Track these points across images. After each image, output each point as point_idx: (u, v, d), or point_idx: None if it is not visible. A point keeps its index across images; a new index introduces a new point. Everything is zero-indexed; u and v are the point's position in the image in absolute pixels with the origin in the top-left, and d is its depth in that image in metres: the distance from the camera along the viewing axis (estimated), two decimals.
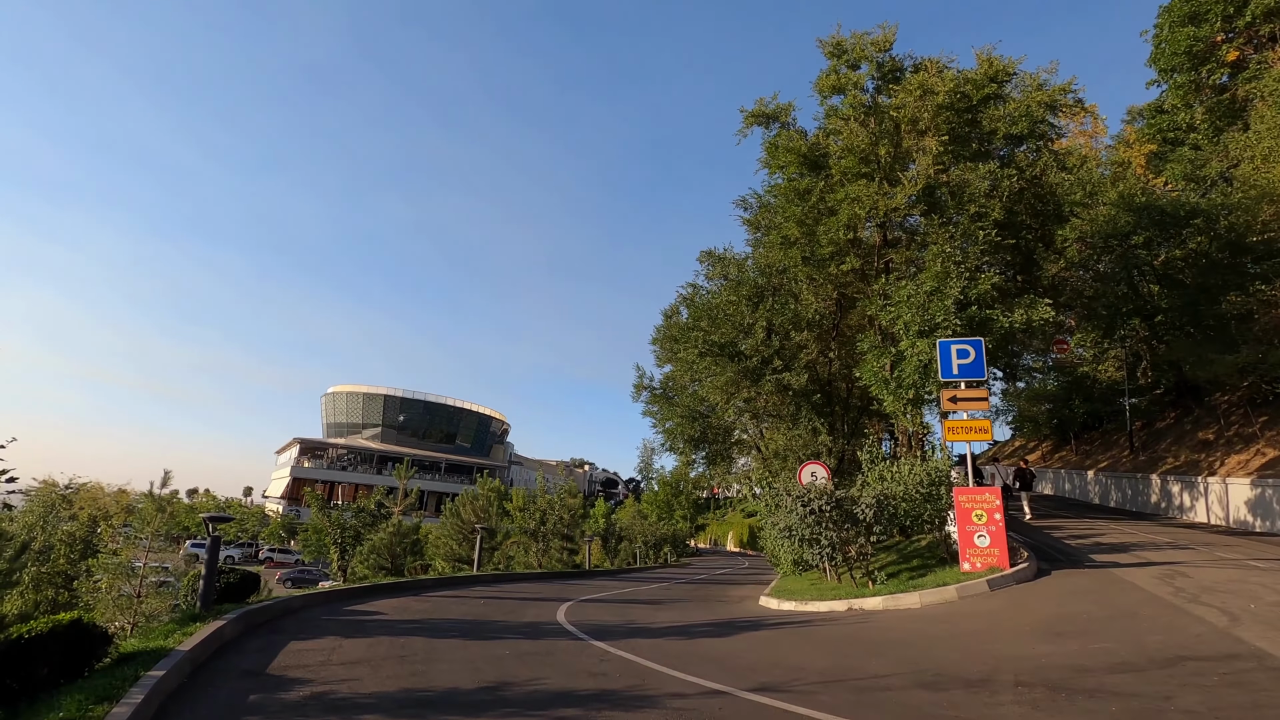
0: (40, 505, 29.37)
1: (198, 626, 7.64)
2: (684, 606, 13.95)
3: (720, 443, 26.11)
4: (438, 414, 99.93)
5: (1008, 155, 19.48)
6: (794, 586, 16.12)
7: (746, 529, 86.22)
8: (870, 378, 17.63)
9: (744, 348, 22.60)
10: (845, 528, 12.90)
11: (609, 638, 9.10)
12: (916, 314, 16.69)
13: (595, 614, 12.06)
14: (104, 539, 19.07)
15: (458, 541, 25.61)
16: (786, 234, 20.80)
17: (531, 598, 14.65)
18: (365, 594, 12.95)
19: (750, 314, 22.74)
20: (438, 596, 13.55)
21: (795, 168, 20.57)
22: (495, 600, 13.57)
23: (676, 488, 75.12)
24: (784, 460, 25.31)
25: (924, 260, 18.93)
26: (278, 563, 62.44)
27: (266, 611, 9.51)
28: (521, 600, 13.92)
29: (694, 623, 10.94)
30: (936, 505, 13.83)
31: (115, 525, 23.53)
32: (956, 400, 12.82)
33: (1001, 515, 11.88)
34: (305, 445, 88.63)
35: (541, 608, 12.73)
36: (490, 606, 12.39)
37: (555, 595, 15.53)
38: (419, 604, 12.12)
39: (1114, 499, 30.61)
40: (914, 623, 9.65)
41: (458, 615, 10.97)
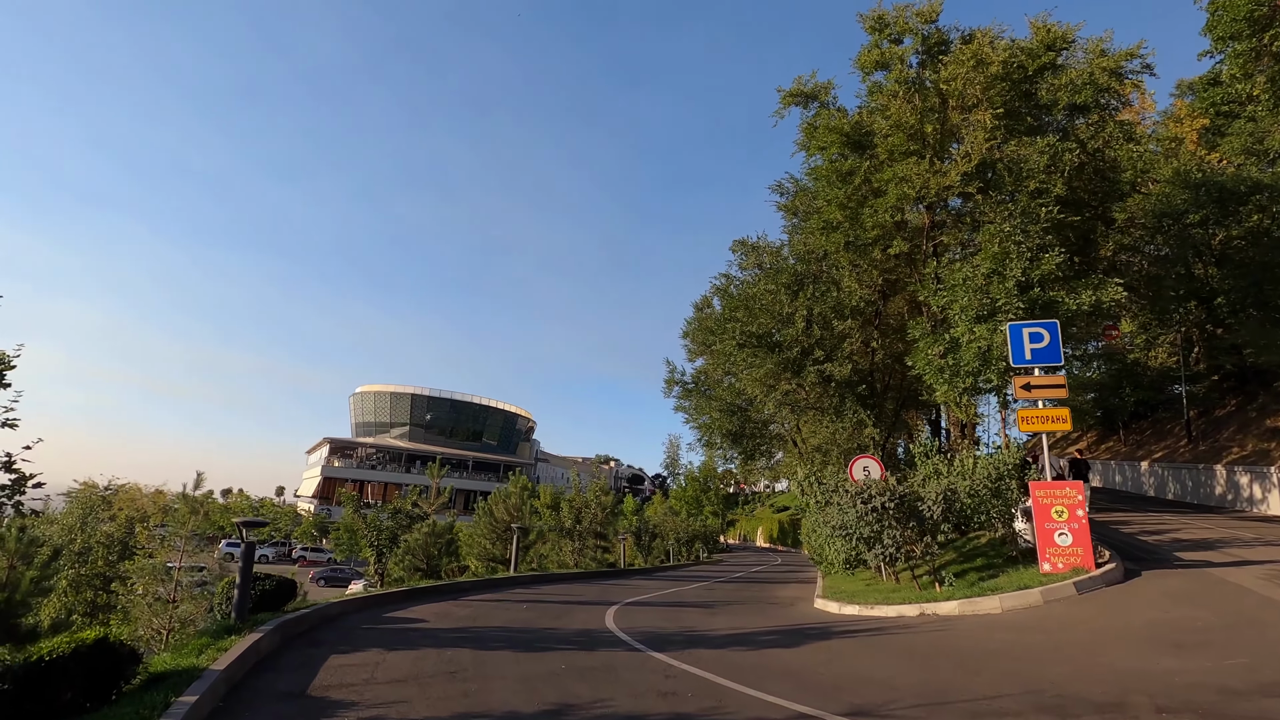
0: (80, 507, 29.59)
1: (232, 640, 7.11)
2: (736, 610, 13.22)
3: (758, 437, 25.26)
4: (464, 412, 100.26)
5: (1066, 128, 18.33)
6: (849, 587, 15.29)
7: (776, 524, 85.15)
8: (923, 366, 16.68)
9: (783, 338, 21.72)
10: (910, 526, 12.06)
11: (668, 648, 8.41)
12: (974, 298, 15.72)
13: (646, 619, 11.40)
14: (140, 540, 18.93)
15: (491, 541, 25.14)
16: (828, 218, 19.88)
17: (574, 600, 14.03)
18: (404, 599, 12.43)
19: (789, 303, 21.83)
20: (478, 601, 13.00)
21: (837, 148, 19.62)
22: (538, 604, 12.97)
23: (705, 483, 74.28)
24: (825, 455, 24.42)
25: (978, 242, 17.92)
26: (310, 561, 63.00)
27: (304, 621, 8.99)
28: (565, 604, 13.31)
29: (755, 630, 10.21)
30: (1005, 500, 12.92)
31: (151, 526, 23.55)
32: (1030, 387, 11.88)
33: (1085, 511, 10.96)
34: (335, 445, 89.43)
35: (588, 612, 12.10)
36: (534, 611, 11.79)
37: (598, 598, 14.91)
38: (460, 609, 11.56)
39: (1172, 491, 29.17)
40: (1001, 631, 8.80)
41: (502, 622, 10.37)
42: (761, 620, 11.56)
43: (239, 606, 7.87)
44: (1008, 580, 11.47)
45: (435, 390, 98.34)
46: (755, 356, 22.23)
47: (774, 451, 25.24)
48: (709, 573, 29.08)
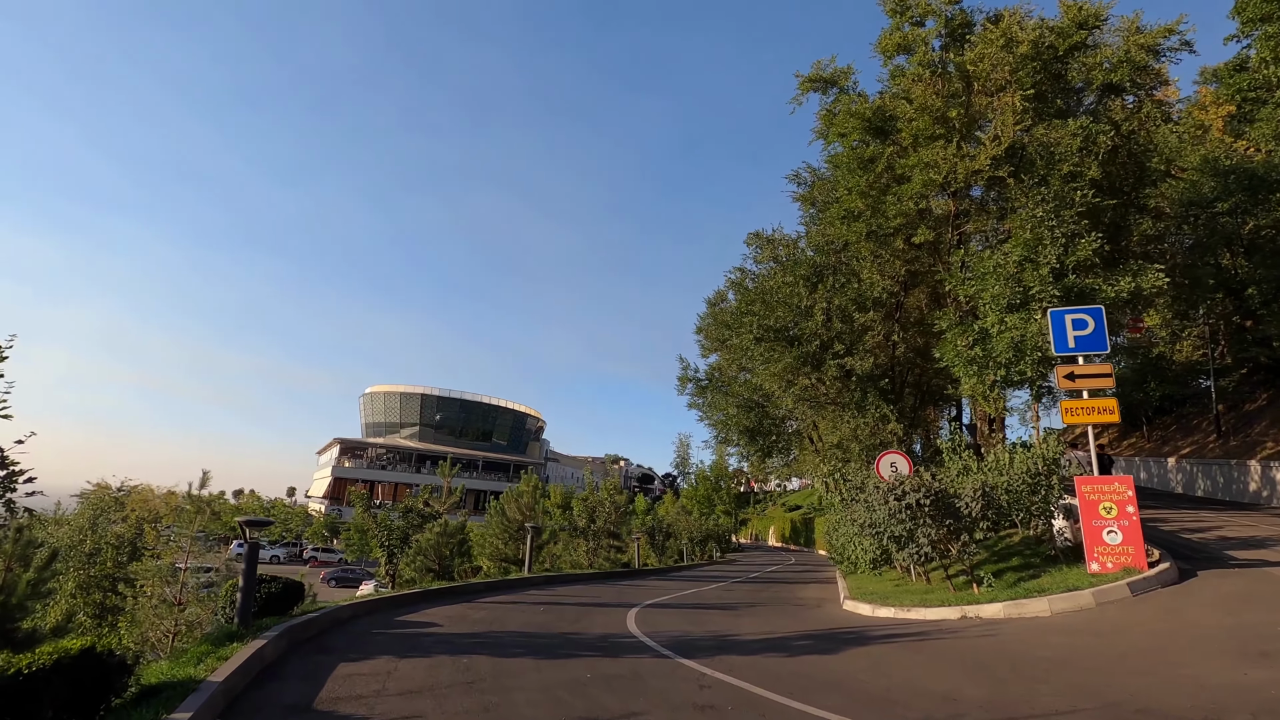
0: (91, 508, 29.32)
1: (235, 648, 6.62)
2: (762, 612, 12.64)
3: (775, 434, 24.64)
4: (474, 412, 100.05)
5: (1097, 109, 17.64)
6: (877, 588, 14.69)
7: (788, 523, 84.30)
8: (952, 358, 16.05)
9: (802, 331, 21.12)
10: (946, 524, 11.45)
11: (697, 654, 7.86)
12: (1005, 286, 15.09)
13: (669, 622, 10.85)
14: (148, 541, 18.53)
15: (503, 540, 24.69)
16: (849, 207, 19.27)
17: (592, 602, 13.50)
18: (416, 601, 11.94)
19: (808, 295, 21.24)
20: (492, 603, 12.49)
21: (858, 134, 19.01)
22: (555, 606, 12.45)
23: (717, 482, 73.60)
24: (845, 452, 23.80)
25: (1006, 229, 17.27)
26: (321, 562, 62.86)
27: (312, 625, 8.50)
28: (582, 606, 12.78)
29: (787, 634, 9.63)
30: (1045, 497, 12.28)
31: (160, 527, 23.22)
32: (1075, 377, 11.24)
33: (1135, 508, 10.32)
34: (345, 445, 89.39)
35: (607, 615, 11.57)
36: (552, 615, 11.26)
37: (616, 599, 14.37)
38: (475, 612, 11.06)
39: (1201, 487, 28.34)
40: (1054, 635, 8.20)
41: (519, 626, 9.85)
42: (791, 623, 10.99)
43: (242, 611, 7.39)
44: (1051, 580, 10.85)
45: (445, 390, 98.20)
46: (773, 350, 21.65)
47: (791, 449, 24.62)
48: (725, 572, 28.49)
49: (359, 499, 12.62)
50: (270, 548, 64.80)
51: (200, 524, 13.18)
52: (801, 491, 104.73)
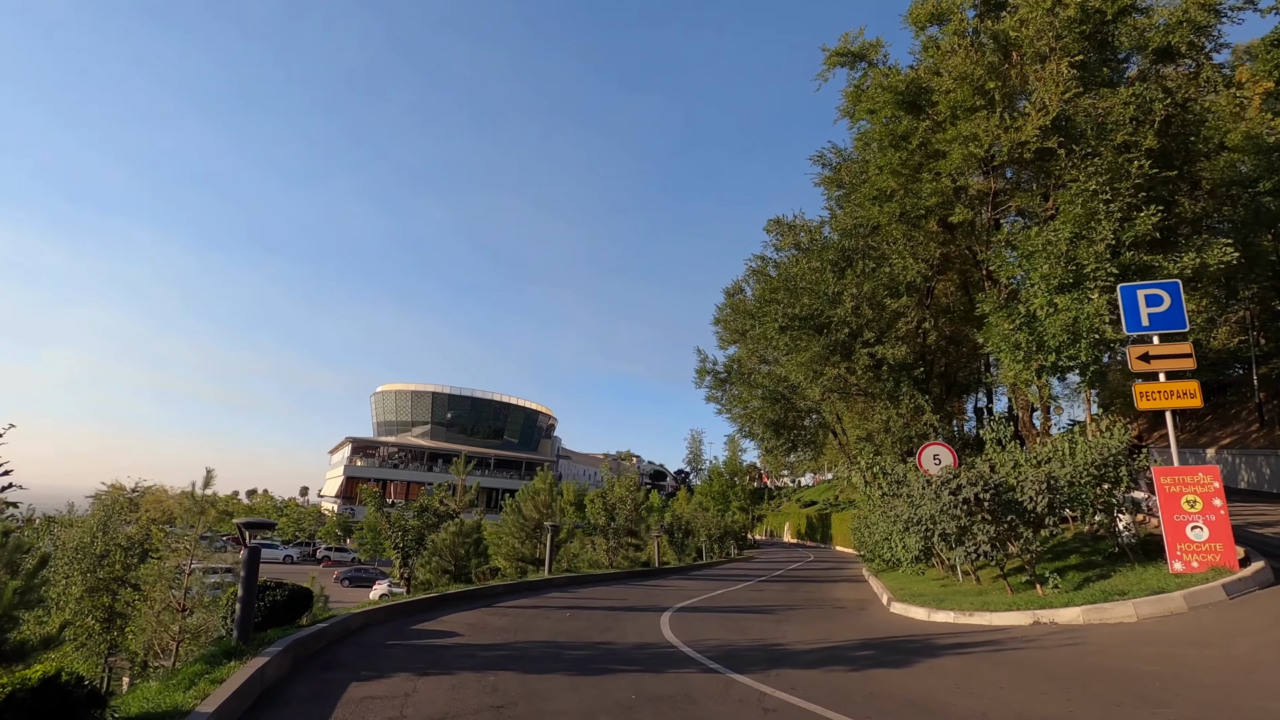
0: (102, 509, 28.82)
1: (232, 667, 5.82)
2: (803, 616, 11.75)
3: (798, 428, 23.69)
4: (485, 410, 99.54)
5: (1150, 76, 16.56)
6: (923, 589, 13.76)
7: (804, 519, 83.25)
8: (997, 343, 15.06)
9: (830, 319, 20.17)
10: (1007, 519, 10.52)
11: (750, 668, 7.00)
12: (1055, 265, 14.08)
13: (707, 629, 9.99)
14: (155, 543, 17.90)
15: (520, 540, 23.92)
16: (880, 186, 18.29)
17: (619, 606, 12.66)
18: (432, 606, 11.15)
19: (836, 281, 20.27)
20: (514, 607, 11.68)
21: (890, 110, 18.01)
22: (581, 611, 11.62)
23: (731, 478, 72.64)
24: (875, 444, 22.82)
25: (1054, 205, 16.24)
26: (335, 561, 62.51)
27: (321, 637, 7.70)
28: (611, 610, 11.94)
29: (841, 642, 8.74)
30: (1111, 489, 11.31)
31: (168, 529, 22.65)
32: (1150, 358, 10.27)
33: (1223, 500, 9.35)
34: (357, 444, 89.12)
35: (639, 621, 10.72)
36: (580, 621, 10.43)
37: (644, 602, 13.53)
38: (497, 619, 10.24)
39: (1245, 479, 27.15)
40: (1150, 646, 7.26)
41: (547, 635, 9.02)
42: (841, 629, 10.09)
43: (241, 624, 6.59)
44: (1126, 581, 9.90)
45: (455, 388, 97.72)
46: (799, 340, 20.72)
47: (818, 442, 23.66)
48: (748, 571, 27.59)
49: (371, 498, 11.85)
50: (284, 547, 64.52)
51: (205, 525, 12.44)
52: (816, 487, 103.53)
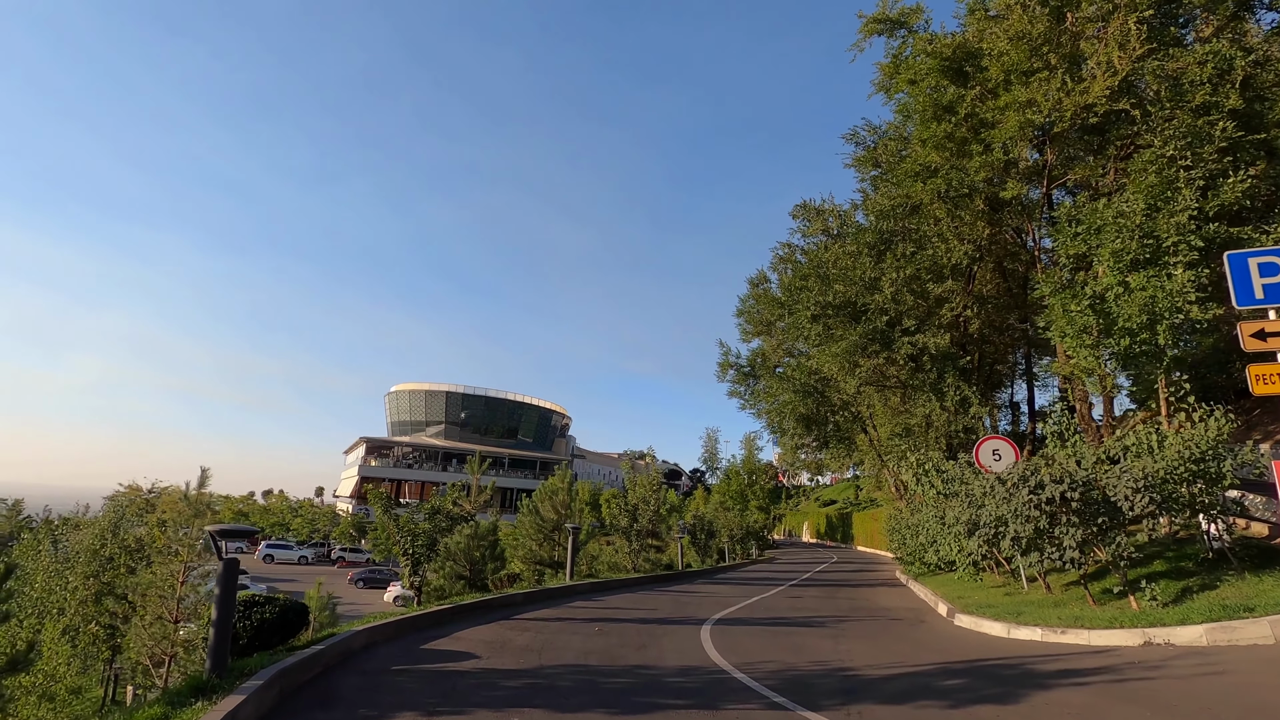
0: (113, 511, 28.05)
1: (197, 710, 4.70)
2: (859, 630, 10.49)
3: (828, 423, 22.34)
4: (499, 409, 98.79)
5: (1225, 33, 15.11)
6: (987, 598, 12.44)
7: (823, 519, 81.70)
8: (1063, 326, 13.70)
9: (867, 306, 18.87)
10: (1098, 521, 9.23)
11: (825, 703, 5.78)
12: (1128, 239, 12.71)
13: (757, 647, 8.78)
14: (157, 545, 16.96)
15: (537, 542, 22.80)
16: (924, 162, 16.96)
17: (651, 618, 11.48)
18: (446, 620, 10.02)
19: (873, 266, 18.97)
20: (536, 620, 10.53)
21: (934, 78, 16.67)
22: (611, 624, 10.45)
23: (750, 477, 71.26)
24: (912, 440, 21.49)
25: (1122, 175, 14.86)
26: (350, 562, 61.80)
27: (314, 663, 6.57)
28: (643, 623, 10.76)
29: (919, 667, 7.49)
30: (1208, 487, 9.97)
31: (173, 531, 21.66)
32: (1267, 335, 8.92)
33: None
34: (371, 444, 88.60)
35: (676, 636, 9.53)
36: (611, 637, 9.25)
37: (676, 613, 12.33)
38: (518, 635, 9.09)
39: None
40: None
41: (575, 656, 7.85)
42: (912, 649, 8.83)
43: (214, 654, 5.46)
44: (1241, 593, 8.60)
45: (469, 388, 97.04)
46: (833, 329, 19.43)
47: (853, 437, 22.31)
48: (774, 573, 26.32)
49: (377, 499, 10.75)
50: (299, 548, 63.98)
51: (199, 529, 11.40)
52: (835, 486, 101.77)
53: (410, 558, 10.14)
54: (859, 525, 67.24)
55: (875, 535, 59.31)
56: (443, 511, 10.37)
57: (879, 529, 58.24)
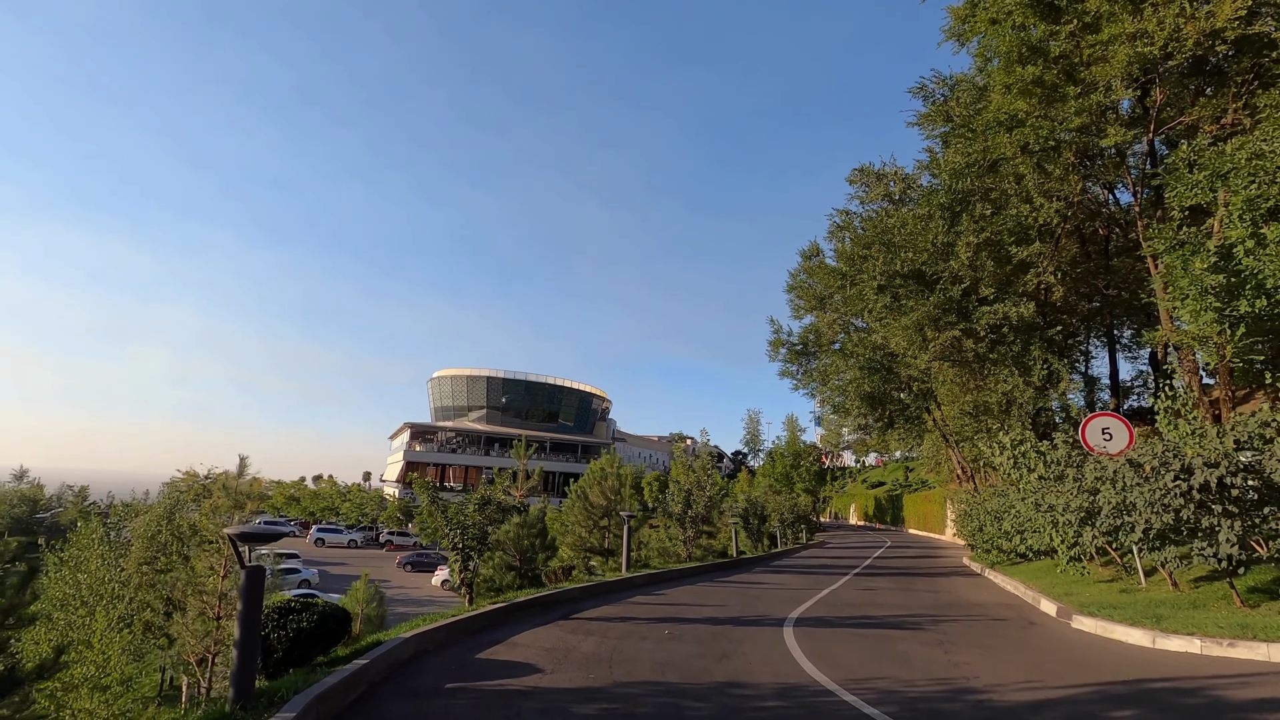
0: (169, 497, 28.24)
1: None
2: (961, 633, 9.24)
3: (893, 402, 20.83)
4: (539, 393, 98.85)
5: None
6: (1105, 596, 11.01)
7: (872, 501, 79.72)
8: (1184, 286, 12.02)
9: (941, 274, 17.30)
10: (1263, 511, 7.79)
11: None
12: (1265, 183, 10.97)
13: (852, 655, 7.64)
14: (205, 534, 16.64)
15: (587, 529, 21.97)
16: (1009, 110, 15.24)
17: (722, 616, 10.43)
18: (500, 620, 9.14)
19: (947, 230, 17.34)
20: (597, 620, 9.58)
21: (1020, 14, 14.90)
22: (680, 625, 9.43)
23: (795, 459, 69.59)
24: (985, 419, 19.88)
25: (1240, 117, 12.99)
26: (397, 545, 62.59)
27: (356, 682, 5.69)
28: (714, 623, 9.71)
29: (1066, 689, 6.23)
30: None
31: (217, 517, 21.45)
32: None
33: None
34: (415, 430, 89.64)
35: (757, 640, 8.46)
36: (684, 643, 8.23)
37: (748, 609, 11.26)
38: (581, 640, 8.13)
39: None
40: None
41: (651, 669, 6.84)
42: (1034, 660, 7.57)
43: (238, 680, 4.59)
44: None
45: (509, 372, 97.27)
46: (902, 300, 17.91)
47: (920, 416, 20.76)
48: (833, 560, 25.07)
49: (423, 488, 9.89)
50: (348, 532, 65.13)
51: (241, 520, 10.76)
52: (883, 467, 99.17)
53: (460, 551, 9.29)
54: (910, 508, 65.17)
55: (929, 518, 57.26)
56: (493, 501, 9.49)
57: (933, 512, 56.21)
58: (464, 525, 9.33)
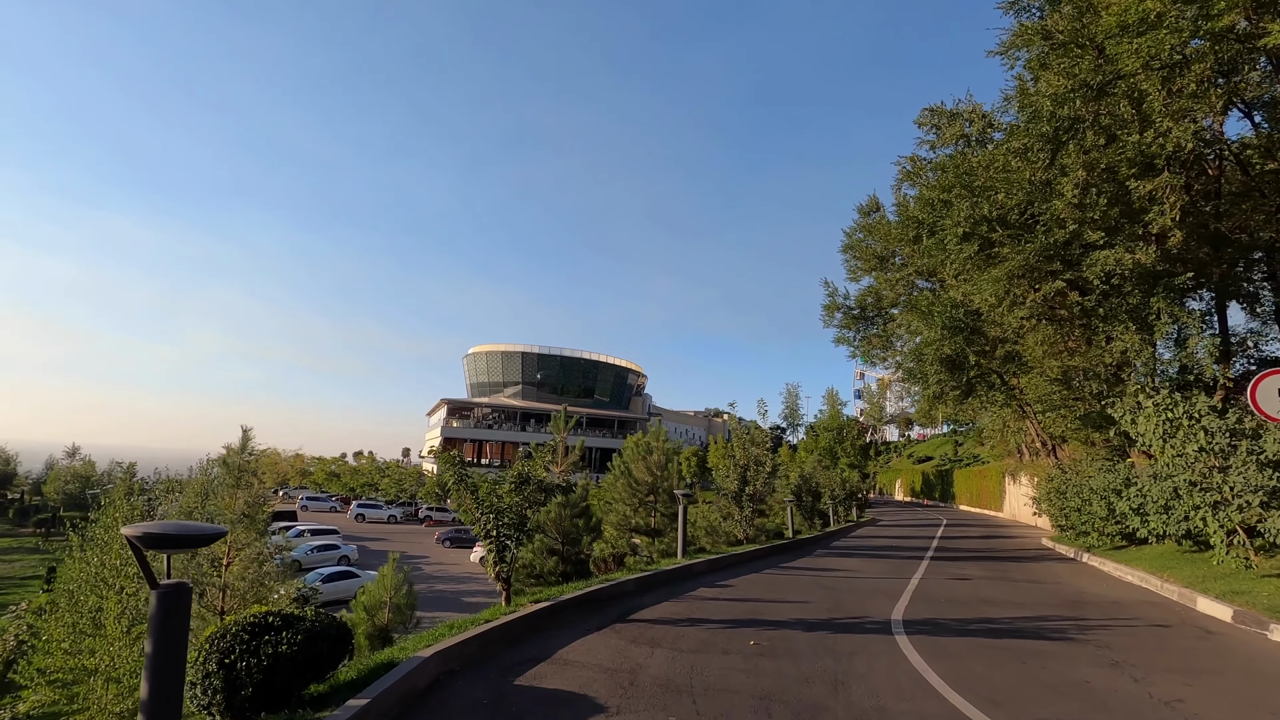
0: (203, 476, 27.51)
1: None
2: (1129, 647, 7.25)
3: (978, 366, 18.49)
4: (574, 368, 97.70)
5: None
6: None
7: (919, 476, 76.84)
8: None
9: (1042, 216, 14.92)
10: None
11: None
12: None
13: (1008, 680, 5.75)
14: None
15: (631, 507, 20.34)
16: (1142, 10, 12.69)
17: (812, 619, 8.59)
18: (544, 624, 7.49)
19: (1048, 165, 14.90)
20: (662, 622, 7.86)
21: None
22: (764, 630, 7.65)
23: (839, 433, 67.13)
24: (1083, 386, 17.49)
25: None
26: (436, 521, 62.41)
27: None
28: (805, 629, 7.89)
29: None
30: None
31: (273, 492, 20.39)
32: None
33: None
34: (452, 406, 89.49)
35: (868, 653, 6.62)
36: (780, 659, 6.44)
37: (837, 609, 9.42)
38: (647, 656, 6.41)
39: None
40: None
41: (750, 709, 5.07)
42: (1266, 693, 5.59)
43: None
44: None
45: (545, 347, 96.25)
46: (994, 248, 15.60)
47: (1009, 382, 18.40)
48: (898, 540, 23.07)
49: (447, 464, 8.20)
50: (388, 508, 65.22)
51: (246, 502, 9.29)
52: (929, 441, 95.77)
53: (493, 541, 7.64)
54: (962, 483, 62.33)
55: (984, 494, 54.46)
56: (531, 480, 7.81)
57: (988, 488, 53.41)
58: (498, 509, 7.68)
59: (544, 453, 9.40)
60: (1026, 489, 42.24)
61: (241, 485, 9.30)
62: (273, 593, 9.59)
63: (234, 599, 9.44)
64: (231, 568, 9.49)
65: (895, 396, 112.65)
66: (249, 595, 9.64)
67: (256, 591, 9.95)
